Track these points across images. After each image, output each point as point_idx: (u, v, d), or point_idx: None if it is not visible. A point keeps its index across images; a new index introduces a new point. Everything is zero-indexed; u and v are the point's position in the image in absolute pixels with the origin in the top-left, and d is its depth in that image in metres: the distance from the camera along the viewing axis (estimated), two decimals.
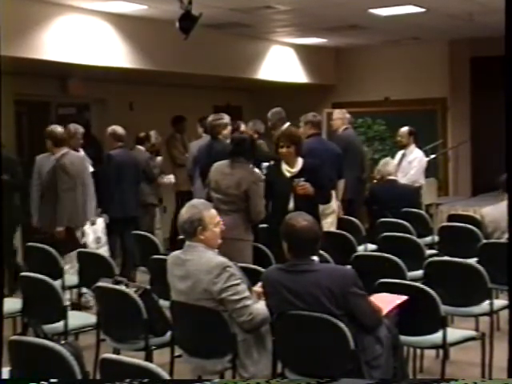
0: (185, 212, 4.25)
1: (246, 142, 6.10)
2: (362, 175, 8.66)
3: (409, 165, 9.16)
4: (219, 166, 6.02)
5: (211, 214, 4.28)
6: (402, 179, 8.88)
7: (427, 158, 9.98)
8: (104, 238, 7.48)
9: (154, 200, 9.03)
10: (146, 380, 2.90)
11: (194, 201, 4.44)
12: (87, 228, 7.30)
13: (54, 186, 6.99)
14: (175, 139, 10.23)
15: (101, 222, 7.48)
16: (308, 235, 3.92)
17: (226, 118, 7.33)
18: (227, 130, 7.21)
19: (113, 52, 9.10)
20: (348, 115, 8.93)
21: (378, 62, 13.02)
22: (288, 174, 6.08)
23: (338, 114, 8.99)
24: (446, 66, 12.68)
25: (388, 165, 8.26)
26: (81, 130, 7.95)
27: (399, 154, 9.43)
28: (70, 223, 7.02)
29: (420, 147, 9.60)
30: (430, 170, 10.49)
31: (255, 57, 11.57)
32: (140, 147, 8.88)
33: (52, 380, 3.07)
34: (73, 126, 7.90)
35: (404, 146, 9.30)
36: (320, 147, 7.14)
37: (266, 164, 6.90)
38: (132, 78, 10.67)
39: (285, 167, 6.12)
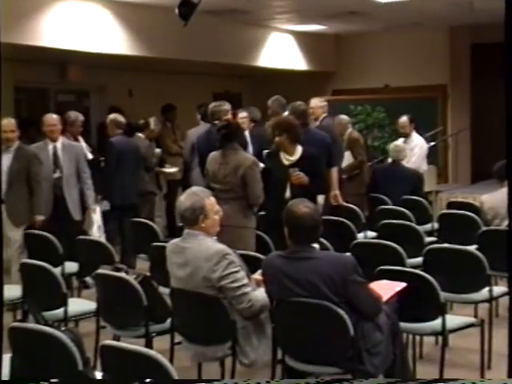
0: (185, 200, 4.22)
1: (229, 127, 6.06)
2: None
3: (410, 152, 9.19)
4: (214, 156, 6.00)
5: (212, 202, 4.27)
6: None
7: (428, 145, 9.98)
8: (102, 227, 7.47)
9: (154, 188, 9.04)
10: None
11: (194, 188, 4.42)
12: (93, 217, 7.27)
13: (26, 176, 6.65)
14: (166, 128, 10.19)
15: (99, 211, 7.46)
16: (309, 222, 3.92)
17: (227, 105, 7.31)
18: (228, 117, 7.18)
19: (112, 39, 9.07)
20: (325, 103, 8.45)
21: (378, 48, 12.99)
22: (286, 163, 6.07)
23: (317, 102, 8.36)
24: (447, 52, 12.65)
25: (399, 152, 8.37)
26: (81, 117, 7.94)
27: (400, 141, 9.43)
28: (46, 213, 6.88)
29: (420, 134, 9.61)
30: (430, 158, 10.49)
31: (255, 44, 11.54)
32: (140, 134, 8.87)
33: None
34: (73, 114, 7.89)
35: (407, 135, 9.31)
36: (306, 138, 6.46)
37: (266, 151, 6.87)
38: (131, 64, 10.66)
39: (283, 155, 6.11)
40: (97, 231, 7.30)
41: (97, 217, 7.37)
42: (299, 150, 6.08)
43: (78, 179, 7.17)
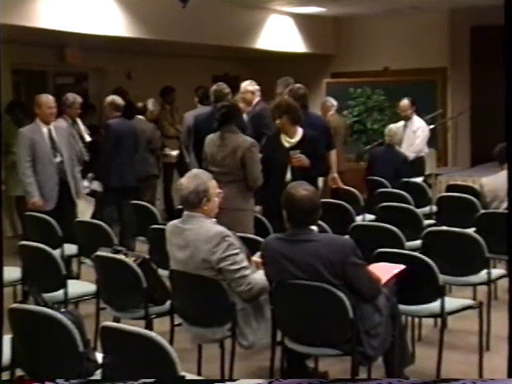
0: (188, 183, 4.21)
1: (229, 108, 6.04)
2: None
3: (413, 134, 9.21)
4: (212, 139, 5.98)
5: (214, 185, 4.29)
6: (408, 149, 8.96)
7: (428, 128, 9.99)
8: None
9: (157, 171, 9.07)
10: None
11: (196, 171, 4.41)
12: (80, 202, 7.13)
13: None
14: (165, 110, 10.19)
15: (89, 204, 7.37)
16: (307, 205, 3.92)
17: (228, 88, 7.31)
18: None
19: (111, 21, 9.02)
20: (257, 87, 7.82)
21: (378, 31, 12.93)
22: (287, 145, 6.05)
23: (248, 86, 7.70)
24: (446, 35, 12.60)
25: (392, 136, 8.38)
26: (79, 99, 7.93)
27: (400, 123, 9.43)
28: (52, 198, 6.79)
29: (420, 117, 9.61)
30: (429, 141, 10.48)
31: (254, 26, 11.49)
32: (140, 117, 8.86)
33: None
34: (71, 96, 7.88)
35: (408, 118, 9.31)
36: (306, 121, 6.33)
37: (265, 135, 6.86)
38: (130, 47, 10.60)
39: (284, 138, 6.09)
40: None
41: (82, 203, 7.23)
42: (300, 131, 6.06)
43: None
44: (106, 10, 8.94)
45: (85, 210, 7.22)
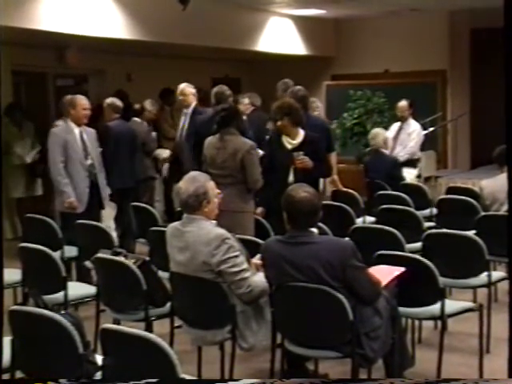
0: (187, 186, 4.21)
1: (229, 110, 6.04)
2: None
3: (408, 137, 9.20)
4: (211, 141, 5.98)
5: (212, 186, 4.29)
6: (401, 152, 8.97)
7: (425, 131, 9.99)
8: (113, 226, 7.36)
9: (154, 173, 9.07)
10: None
11: (193, 173, 4.40)
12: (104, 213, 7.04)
13: None
14: (164, 112, 10.19)
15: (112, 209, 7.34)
16: (306, 207, 3.92)
17: (229, 90, 7.34)
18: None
19: (111, 23, 9.03)
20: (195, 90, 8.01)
21: (378, 33, 12.93)
22: (289, 146, 6.04)
23: (188, 88, 8.05)
24: (446, 37, 12.62)
25: (373, 139, 8.35)
26: None
27: (395, 125, 9.43)
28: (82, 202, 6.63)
29: (417, 119, 9.61)
30: (429, 143, 10.49)
31: (254, 28, 11.49)
32: (137, 119, 8.86)
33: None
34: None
35: (405, 119, 9.32)
36: (306, 123, 6.33)
37: (267, 136, 6.87)
38: (130, 49, 10.61)
39: (285, 139, 6.08)
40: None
41: (108, 210, 7.18)
42: (301, 133, 6.06)
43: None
44: (106, 12, 8.94)
45: (108, 215, 7.23)
